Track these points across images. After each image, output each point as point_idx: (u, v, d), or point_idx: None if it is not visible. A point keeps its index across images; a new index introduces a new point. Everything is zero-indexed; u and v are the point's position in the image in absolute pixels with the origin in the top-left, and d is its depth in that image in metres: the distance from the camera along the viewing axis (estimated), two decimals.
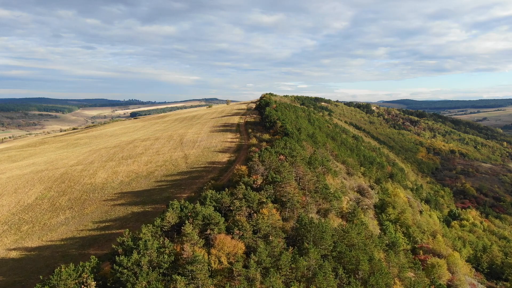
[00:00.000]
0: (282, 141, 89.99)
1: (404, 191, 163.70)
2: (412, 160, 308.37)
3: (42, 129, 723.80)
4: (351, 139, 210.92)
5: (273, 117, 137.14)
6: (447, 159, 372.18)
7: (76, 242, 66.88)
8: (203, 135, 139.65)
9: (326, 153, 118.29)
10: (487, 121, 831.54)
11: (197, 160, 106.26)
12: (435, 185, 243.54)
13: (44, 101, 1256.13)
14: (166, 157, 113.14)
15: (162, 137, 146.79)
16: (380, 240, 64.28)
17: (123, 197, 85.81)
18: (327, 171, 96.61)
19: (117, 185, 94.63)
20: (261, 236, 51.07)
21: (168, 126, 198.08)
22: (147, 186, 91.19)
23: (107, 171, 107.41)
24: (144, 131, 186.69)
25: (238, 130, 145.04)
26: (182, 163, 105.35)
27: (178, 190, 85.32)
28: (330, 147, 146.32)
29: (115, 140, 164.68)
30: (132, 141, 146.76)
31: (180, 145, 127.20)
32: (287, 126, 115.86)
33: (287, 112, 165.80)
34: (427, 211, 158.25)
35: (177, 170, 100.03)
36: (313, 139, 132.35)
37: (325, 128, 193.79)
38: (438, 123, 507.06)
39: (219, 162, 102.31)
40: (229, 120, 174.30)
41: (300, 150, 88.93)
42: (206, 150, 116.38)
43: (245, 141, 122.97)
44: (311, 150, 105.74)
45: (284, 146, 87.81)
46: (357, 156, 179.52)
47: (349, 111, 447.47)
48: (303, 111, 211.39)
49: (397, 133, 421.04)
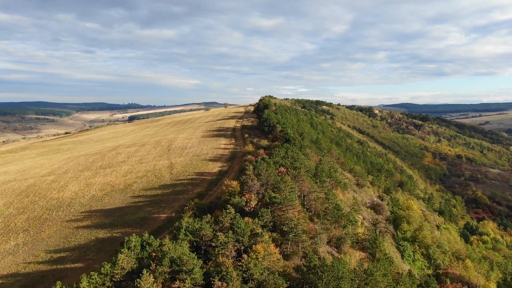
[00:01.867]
0: (283, 149, 75.28)
1: (416, 202, 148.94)
2: (418, 166, 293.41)
3: (38, 133, 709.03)
4: (356, 144, 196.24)
5: (272, 120, 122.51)
6: (453, 164, 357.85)
7: (17, 281, 51.99)
8: (194, 141, 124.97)
9: (332, 162, 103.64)
10: (490, 125, 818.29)
11: (184, 170, 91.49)
12: (446, 193, 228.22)
13: (43, 104, 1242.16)
14: (149, 167, 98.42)
15: (149, 143, 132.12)
16: (411, 280, 49.44)
17: (91, 216, 71.00)
18: (336, 184, 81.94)
19: (87, 200, 79.82)
20: (254, 287, 36.31)
21: (159, 130, 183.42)
22: (121, 202, 76.40)
23: (80, 182, 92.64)
24: (132, 136, 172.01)
25: (233, 135, 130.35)
26: (166, 173, 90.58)
27: (156, 208, 70.58)
28: (336, 154, 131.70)
29: (99, 146, 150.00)
30: (116, 147, 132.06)
31: (167, 152, 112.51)
32: (288, 130, 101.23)
33: (287, 115, 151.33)
34: (443, 224, 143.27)
35: (160, 182, 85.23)
36: (317, 145, 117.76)
37: (328, 133, 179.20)
38: (442, 127, 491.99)
39: (208, 173, 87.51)
40: (224, 124, 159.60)
41: (304, 159, 74.29)
42: (195, 158, 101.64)
43: (241, 148, 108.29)
44: (316, 159, 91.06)
45: (285, 155, 73.18)
46: (364, 163, 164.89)
47: (351, 115, 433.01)
48: (304, 114, 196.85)
49: (401, 137, 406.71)
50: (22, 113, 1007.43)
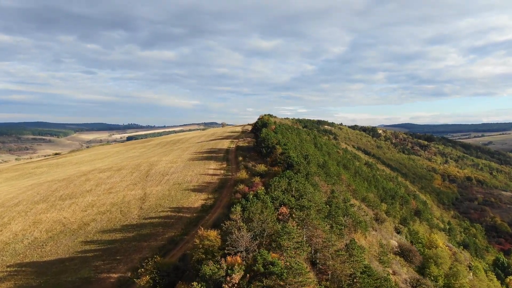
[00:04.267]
0: (284, 179, 55.86)
1: (439, 235, 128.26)
2: (429, 189, 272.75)
3: (33, 154, 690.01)
4: (365, 167, 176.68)
5: (272, 140, 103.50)
6: (464, 187, 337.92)
7: None
8: (179, 165, 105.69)
9: (345, 191, 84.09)
10: (493, 145, 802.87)
11: (158, 204, 71.85)
12: (463, 221, 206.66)
13: (42, 125, 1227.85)
14: (117, 198, 78.79)
15: (127, 167, 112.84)
16: None
17: (17, 274, 50.97)
18: (356, 225, 62.11)
19: (24, 247, 59.89)
20: None
21: (145, 151, 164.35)
22: (66, 251, 56.46)
23: (27, 219, 72.82)
24: (113, 158, 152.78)
25: (225, 158, 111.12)
26: (135, 208, 70.90)
27: (108, 262, 50.70)
28: (346, 180, 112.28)
29: (71, 170, 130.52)
30: (89, 172, 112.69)
31: (143, 179, 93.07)
32: (291, 153, 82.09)
33: (289, 135, 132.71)
34: (470, 260, 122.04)
35: (124, 221, 65.46)
36: (325, 169, 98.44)
37: (334, 154, 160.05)
38: (448, 148, 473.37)
39: (188, 208, 67.82)
40: (217, 145, 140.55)
41: (314, 193, 54.85)
42: (175, 187, 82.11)
43: (233, 174, 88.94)
44: (326, 189, 71.56)
45: (287, 188, 53.81)
46: (375, 188, 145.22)
47: (354, 135, 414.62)
48: (307, 134, 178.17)
49: (407, 158, 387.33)
50: (18, 133, 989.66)
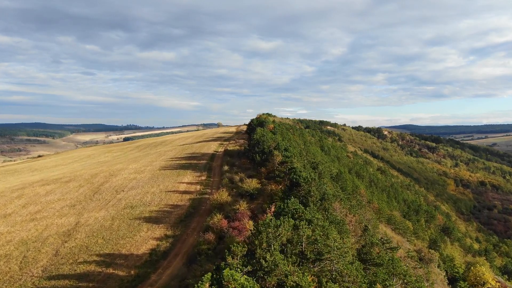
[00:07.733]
0: (287, 220, 28.98)
1: (480, 260, 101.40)
2: (445, 196, 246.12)
3: (27, 155, 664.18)
4: (380, 175, 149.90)
5: (268, 143, 76.51)
6: (478, 192, 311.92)
7: None
8: (145, 175, 78.97)
9: (374, 219, 57.25)
10: (498, 146, 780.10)
11: (85, 245, 45.20)
12: (491, 236, 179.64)
13: (40, 126, 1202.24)
14: (35, 230, 52.13)
15: (80, 177, 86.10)
16: None
17: None
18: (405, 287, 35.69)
19: None
20: None
21: (119, 155, 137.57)
22: None
23: None
24: (76, 165, 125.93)
25: (207, 167, 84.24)
26: (49, 252, 44.23)
27: None
28: (366, 195, 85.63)
29: (16, 181, 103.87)
30: (30, 185, 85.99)
31: (89, 198, 66.36)
32: (295, 163, 55.40)
33: (290, 136, 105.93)
34: None
35: (18, 280, 38.84)
36: (340, 183, 71.71)
37: (344, 159, 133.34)
38: (457, 150, 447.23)
39: (127, 257, 41.13)
40: (202, 148, 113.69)
41: (340, 244, 28.10)
42: (125, 212, 55.44)
43: (212, 191, 62.12)
44: (351, 222, 44.81)
45: (291, 238, 27.07)
46: (396, 202, 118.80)
47: (358, 136, 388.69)
48: (311, 135, 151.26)
49: (416, 161, 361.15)
50: (13, 134, 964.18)
